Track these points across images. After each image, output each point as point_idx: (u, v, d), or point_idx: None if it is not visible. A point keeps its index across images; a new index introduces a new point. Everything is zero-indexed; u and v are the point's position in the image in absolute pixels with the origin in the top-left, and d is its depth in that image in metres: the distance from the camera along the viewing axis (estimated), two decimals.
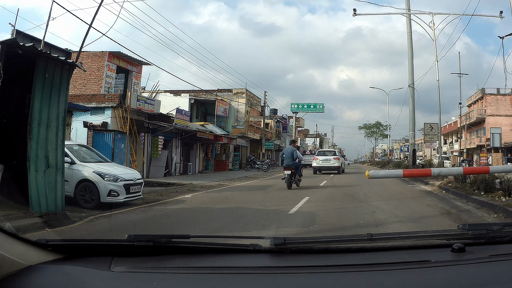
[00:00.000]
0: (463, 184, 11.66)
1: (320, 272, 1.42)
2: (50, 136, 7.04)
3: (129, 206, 9.18)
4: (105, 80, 19.89)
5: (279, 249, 1.56)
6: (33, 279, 1.32)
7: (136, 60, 20.68)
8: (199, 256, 1.62)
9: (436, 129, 20.85)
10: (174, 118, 22.04)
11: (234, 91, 35.28)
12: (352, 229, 6.38)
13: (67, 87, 7.49)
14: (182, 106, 26.31)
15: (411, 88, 22.16)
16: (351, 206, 9.25)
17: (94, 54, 19.75)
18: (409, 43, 22.09)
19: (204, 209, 9.36)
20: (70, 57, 9.09)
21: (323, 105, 49.01)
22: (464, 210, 8.57)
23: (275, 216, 7.82)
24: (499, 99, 42.03)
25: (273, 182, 18.41)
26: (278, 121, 48.54)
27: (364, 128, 78.53)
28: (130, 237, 1.60)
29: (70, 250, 1.59)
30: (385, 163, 44.26)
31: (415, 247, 1.67)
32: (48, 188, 6.91)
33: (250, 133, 36.86)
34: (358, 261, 1.51)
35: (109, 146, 16.07)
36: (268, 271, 1.45)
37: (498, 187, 9.48)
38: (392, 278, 1.35)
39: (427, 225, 6.67)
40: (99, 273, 1.40)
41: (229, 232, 6.07)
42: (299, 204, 9.33)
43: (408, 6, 21.54)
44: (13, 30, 11.76)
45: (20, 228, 5.46)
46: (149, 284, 1.34)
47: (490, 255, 1.47)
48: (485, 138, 40.50)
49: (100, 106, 17.95)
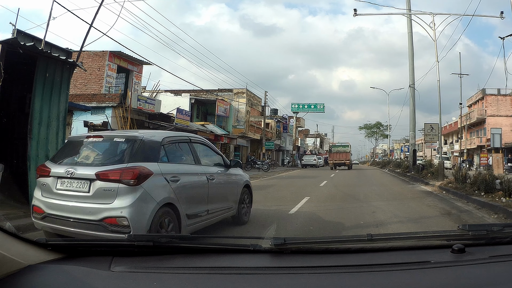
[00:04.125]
0: (463, 184, 11.66)
1: (320, 272, 1.42)
2: (50, 135, 7.05)
3: None
4: (105, 79, 19.90)
5: (279, 249, 1.56)
6: (33, 278, 1.32)
7: (137, 59, 20.69)
8: (199, 256, 1.62)
9: (437, 129, 20.81)
10: (174, 118, 22.06)
11: (235, 91, 35.28)
12: (352, 229, 6.37)
13: (67, 87, 7.50)
14: (183, 106, 26.32)
15: (412, 88, 22.16)
16: (351, 206, 9.25)
17: (94, 54, 19.77)
18: (410, 44, 22.10)
19: None
20: (70, 56, 9.10)
21: (323, 105, 49.04)
22: (464, 211, 8.57)
23: (275, 216, 7.83)
24: (500, 100, 42.02)
25: (273, 182, 18.40)
26: (279, 121, 48.53)
27: (365, 128, 78.70)
28: (130, 237, 1.60)
29: (70, 250, 1.59)
30: (385, 163, 44.31)
31: (415, 247, 1.67)
32: None
33: (251, 133, 36.86)
34: (358, 262, 1.51)
35: None
36: (268, 271, 1.45)
37: (499, 188, 9.48)
38: (392, 279, 1.35)
39: (427, 226, 6.67)
40: (99, 273, 1.40)
41: (229, 232, 6.08)
42: (299, 204, 9.33)
43: (408, 7, 21.54)
44: (14, 30, 11.77)
45: (20, 228, 5.45)
46: (149, 284, 1.34)
47: (490, 256, 1.47)
48: (485, 138, 40.49)
49: (100, 105, 17.97)
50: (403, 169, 25.77)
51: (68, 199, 4.42)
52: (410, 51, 22.04)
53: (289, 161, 48.53)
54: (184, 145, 5.62)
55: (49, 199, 4.56)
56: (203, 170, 5.66)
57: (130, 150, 4.63)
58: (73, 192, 4.42)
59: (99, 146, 4.93)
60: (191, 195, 5.18)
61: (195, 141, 5.88)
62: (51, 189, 4.56)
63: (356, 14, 20.32)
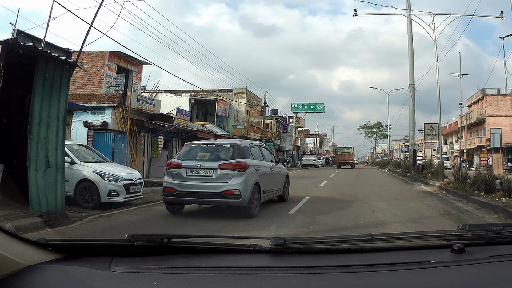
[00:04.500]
0: (463, 184, 11.66)
1: (320, 272, 1.42)
2: (50, 135, 7.04)
3: (129, 206, 9.18)
4: (105, 79, 19.89)
5: (279, 249, 1.56)
6: (33, 279, 1.32)
7: (137, 60, 20.68)
8: (199, 256, 1.62)
9: (437, 129, 20.81)
10: (174, 118, 22.04)
11: (235, 91, 35.27)
12: (352, 229, 6.38)
13: (67, 87, 7.49)
14: (183, 106, 26.31)
15: (412, 88, 22.15)
16: (351, 206, 9.25)
17: (94, 54, 19.76)
18: (410, 44, 22.10)
19: (204, 209, 9.36)
20: (70, 56, 9.07)
21: (323, 105, 49.06)
22: (464, 211, 8.57)
23: (275, 216, 7.82)
24: (500, 100, 42.02)
25: None
26: (279, 121, 48.52)
27: (365, 128, 78.72)
28: (130, 237, 1.60)
29: (70, 250, 1.59)
30: (385, 163, 44.33)
31: (415, 247, 1.67)
32: (48, 187, 6.91)
33: (250, 133, 36.85)
34: (358, 262, 1.51)
35: (109, 146, 16.06)
36: (268, 271, 1.45)
37: (499, 188, 9.48)
38: (392, 279, 1.35)
39: (427, 226, 6.67)
40: (99, 273, 1.39)
41: (229, 232, 6.08)
42: (299, 204, 9.33)
43: (408, 7, 21.54)
44: (13, 30, 11.75)
45: (20, 228, 5.46)
46: (149, 284, 1.34)
47: (490, 256, 1.47)
48: (485, 138, 40.50)
49: (100, 105, 17.94)
50: (403, 169, 25.79)
51: (196, 181, 7.37)
52: (410, 51, 22.05)
53: (289, 161, 48.53)
54: (257, 148, 8.95)
55: (180, 182, 7.45)
56: (268, 164, 8.92)
57: (235, 152, 7.70)
58: (201, 176, 7.38)
59: (213, 149, 7.98)
60: (265, 179, 8.29)
61: (262, 146, 9.65)
62: (182, 175, 7.49)
63: (356, 14, 20.33)
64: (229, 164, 7.34)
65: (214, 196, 7.28)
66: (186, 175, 7.44)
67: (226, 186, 7.17)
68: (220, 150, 7.93)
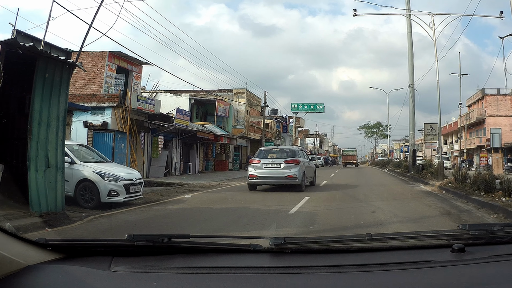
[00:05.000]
0: (463, 184, 11.66)
1: (320, 272, 1.42)
2: (50, 135, 7.04)
3: (129, 206, 9.19)
4: (105, 80, 19.89)
5: (279, 249, 1.56)
6: (33, 278, 1.32)
7: (137, 60, 20.68)
8: (199, 256, 1.62)
9: (436, 129, 20.81)
10: (174, 118, 22.04)
11: (234, 91, 35.24)
12: (352, 229, 6.37)
13: (67, 87, 7.49)
14: (182, 106, 26.30)
15: (411, 88, 22.16)
16: (351, 206, 9.26)
17: (94, 54, 19.75)
18: (409, 44, 22.10)
19: (204, 209, 9.36)
20: (70, 57, 9.08)
21: (323, 105, 49.05)
22: (464, 211, 8.57)
23: (275, 216, 7.82)
24: (499, 100, 42.02)
25: None
26: (278, 121, 48.51)
27: (364, 128, 78.65)
28: (130, 237, 1.59)
29: (70, 250, 1.59)
30: (385, 163, 44.33)
31: (415, 247, 1.67)
32: (48, 187, 6.91)
33: (250, 133, 36.84)
34: (358, 261, 1.51)
35: (109, 146, 16.07)
36: (268, 271, 1.44)
37: (498, 188, 9.48)
38: (392, 278, 1.35)
39: (427, 225, 6.67)
40: (99, 273, 1.39)
41: (229, 232, 6.07)
42: (299, 204, 9.33)
43: (408, 7, 21.54)
44: (13, 30, 11.75)
45: (20, 228, 5.46)
46: (149, 284, 1.33)
47: (490, 256, 1.47)
48: (485, 138, 40.51)
49: (100, 106, 17.95)
50: (403, 169, 25.79)
51: (270, 171, 12.82)
52: (410, 51, 22.05)
53: None
54: (302, 151, 14.99)
55: (259, 171, 12.84)
56: (306, 161, 14.20)
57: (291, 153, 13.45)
58: (273, 167, 12.82)
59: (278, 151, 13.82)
60: (306, 169, 13.38)
61: (303, 150, 16.62)
62: (261, 167, 12.85)
63: (355, 14, 20.32)
64: (290, 160, 12.79)
65: (281, 179, 12.64)
66: (264, 167, 12.85)
67: (288, 173, 12.49)
68: (283, 152, 13.60)
